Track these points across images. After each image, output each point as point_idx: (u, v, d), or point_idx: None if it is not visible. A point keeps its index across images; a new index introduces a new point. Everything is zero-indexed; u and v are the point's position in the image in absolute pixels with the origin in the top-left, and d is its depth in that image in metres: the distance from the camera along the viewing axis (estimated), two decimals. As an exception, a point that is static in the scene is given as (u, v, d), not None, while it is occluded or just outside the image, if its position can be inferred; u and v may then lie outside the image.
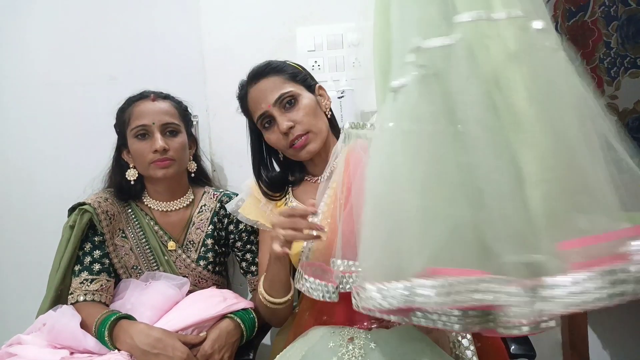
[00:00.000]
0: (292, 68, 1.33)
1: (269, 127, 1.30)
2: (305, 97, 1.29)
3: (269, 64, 1.32)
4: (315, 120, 1.28)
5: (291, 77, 1.30)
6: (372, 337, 1.00)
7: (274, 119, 1.27)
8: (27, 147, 1.91)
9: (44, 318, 1.27)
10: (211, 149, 1.82)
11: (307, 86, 1.32)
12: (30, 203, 1.91)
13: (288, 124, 1.24)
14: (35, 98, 1.89)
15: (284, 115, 1.26)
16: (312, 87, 1.34)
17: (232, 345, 1.28)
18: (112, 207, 1.44)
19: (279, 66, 1.31)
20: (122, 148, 1.49)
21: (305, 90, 1.31)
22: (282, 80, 1.28)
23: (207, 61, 1.81)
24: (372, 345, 0.98)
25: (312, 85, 1.34)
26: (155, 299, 1.32)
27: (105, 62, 1.87)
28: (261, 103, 1.27)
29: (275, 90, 1.27)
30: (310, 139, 1.27)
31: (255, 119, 1.31)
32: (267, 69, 1.30)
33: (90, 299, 1.34)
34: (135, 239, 1.46)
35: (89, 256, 1.39)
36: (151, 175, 1.44)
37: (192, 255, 1.49)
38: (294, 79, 1.30)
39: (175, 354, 1.17)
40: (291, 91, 1.27)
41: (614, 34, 1.56)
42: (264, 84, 1.28)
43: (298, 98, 1.28)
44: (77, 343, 1.21)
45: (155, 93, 1.48)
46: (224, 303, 1.31)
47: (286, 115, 1.26)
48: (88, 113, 1.85)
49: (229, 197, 1.56)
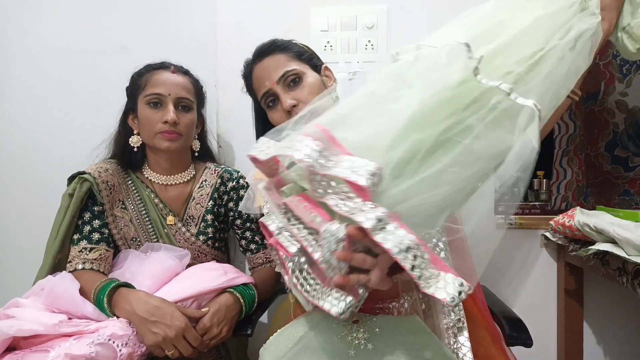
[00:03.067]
0: (298, 47, 1.31)
1: (273, 106, 1.28)
2: (310, 76, 1.27)
3: (274, 42, 1.30)
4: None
5: (296, 55, 1.28)
6: (377, 322, 0.99)
7: (278, 97, 1.25)
8: (33, 112, 1.89)
9: (43, 283, 1.26)
10: (218, 125, 1.81)
11: (313, 66, 1.31)
12: (33, 169, 1.89)
13: (291, 102, 1.22)
14: (43, 63, 1.88)
15: (288, 94, 1.24)
16: (318, 67, 1.32)
17: (231, 319, 1.28)
18: (112, 177, 1.43)
19: (284, 44, 1.30)
20: (130, 112, 1.48)
21: (310, 69, 1.29)
22: (287, 59, 1.27)
23: (220, 36, 1.80)
24: (377, 330, 0.97)
25: (318, 66, 1.33)
26: (155, 269, 1.32)
27: (117, 30, 1.85)
28: (265, 81, 1.26)
29: (279, 68, 1.25)
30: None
31: (260, 97, 1.29)
32: (272, 46, 1.29)
33: (88, 267, 1.33)
34: (135, 211, 1.45)
35: (88, 225, 1.38)
36: (155, 145, 1.42)
37: (192, 229, 1.48)
38: (299, 58, 1.28)
39: (174, 322, 1.16)
40: (296, 69, 1.25)
41: (630, 29, 1.54)
42: (269, 61, 1.27)
43: (303, 77, 1.26)
44: (75, 308, 1.20)
45: (175, 66, 1.48)
46: (224, 277, 1.30)
47: (290, 93, 1.24)
48: (96, 81, 1.84)
49: (229, 173, 1.56)
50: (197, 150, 1.56)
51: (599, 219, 1.33)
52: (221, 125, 1.82)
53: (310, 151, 0.69)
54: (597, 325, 1.77)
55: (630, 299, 1.72)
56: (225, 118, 1.82)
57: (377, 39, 1.72)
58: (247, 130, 1.77)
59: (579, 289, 1.71)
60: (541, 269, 1.78)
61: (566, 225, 1.46)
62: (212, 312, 1.24)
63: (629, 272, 1.17)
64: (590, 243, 1.36)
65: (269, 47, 1.29)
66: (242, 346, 1.56)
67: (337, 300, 0.76)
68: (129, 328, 1.16)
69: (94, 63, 1.85)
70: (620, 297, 1.73)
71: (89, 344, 1.08)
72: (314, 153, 0.69)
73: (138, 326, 1.16)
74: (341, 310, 0.75)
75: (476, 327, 1.10)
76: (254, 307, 1.34)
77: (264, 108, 1.31)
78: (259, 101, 1.31)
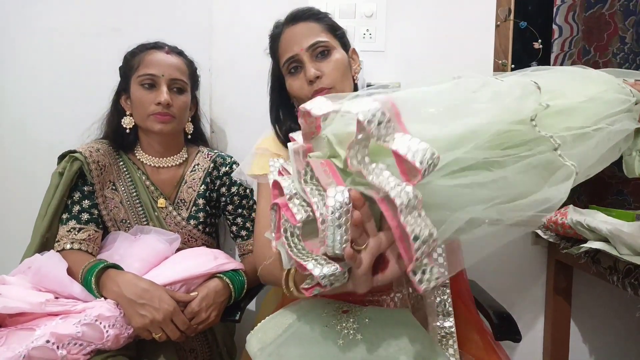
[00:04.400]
0: (332, 21, 1.29)
1: (295, 73, 1.24)
2: (339, 52, 1.24)
3: (311, 9, 1.27)
4: (341, 78, 1.23)
5: (330, 28, 1.26)
6: (367, 313, 0.98)
7: (302, 65, 1.22)
8: (23, 94, 1.85)
9: (30, 261, 1.25)
10: (211, 110, 1.79)
11: (343, 44, 1.28)
12: (22, 150, 1.86)
13: (316, 72, 1.19)
14: (34, 46, 1.84)
15: (314, 63, 1.21)
16: (347, 47, 1.30)
17: (220, 304, 1.27)
18: (103, 158, 1.41)
19: (320, 14, 1.27)
20: (122, 93, 1.46)
21: (340, 46, 1.26)
22: (320, 29, 1.24)
23: (215, 20, 1.78)
24: (366, 321, 0.97)
25: (348, 45, 1.30)
26: (145, 251, 1.30)
27: (109, 13, 1.81)
28: (294, 45, 1.22)
29: (311, 36, 1.22)
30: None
31: (283, 61, 1.25)
32: (308, 12, 1.26)
33: (77, 247, 1.32)
34: (126, 193, 1.43)
35: (78, 205, 1.36)
36: (148, 127, 1.41)
37: (183, 213, 1.47)
38: (332, 32, 1.26)
39: (162, 305, 1.15)
40: (327, 42, 1.22)
41: (630, 29, 1.53)
42: (302, 27, 1.24)
43: (332, 51, 1.23)
44: (62, 288, 1.19)
45: (169, 46, 1.46)
46: (214, 262, 1.29)
47: (316, 63, 1.21)
48: (88, 64, 1.80)
49: (222, 158, 1.55)
50: (190, 133, 1.54)
51: (592, 217, 1.33)
52: (214, 111, 1.80)
53: (377, 116, 0.66)
54: (584, 323, 1.78)
55: (618, 299, 1.73)
56: (219, 103, 1.80)
57: (375, 28, 1.70)
58: (241, 116, 1.78)
59: (567, 286, 1.72)
60: (531, 266, 1.79)
61: (558, 223, 1.46)
62: (200, 296, 1.23)
63: (619, 271, 1.17)
64: (581, 242, 1.36)
65: (305, 13, 1.26)
66: (230, 332, 1.56)
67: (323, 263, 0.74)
68: (116, 309, 1.15)
69: (85, 45, 1.81)
70: (609, 296, 1.74)
71: (75, 324, 1.07)
72: (378, 118, 0.66)
73: (126, 308, 1.15)
74: (323, 274, 0.72)
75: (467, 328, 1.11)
76: (243, 293, 1.33)
77: (284, 73, 1.27)
78: (281, 65, 1.27)
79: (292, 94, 1.27)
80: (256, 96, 1.61)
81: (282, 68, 1.27)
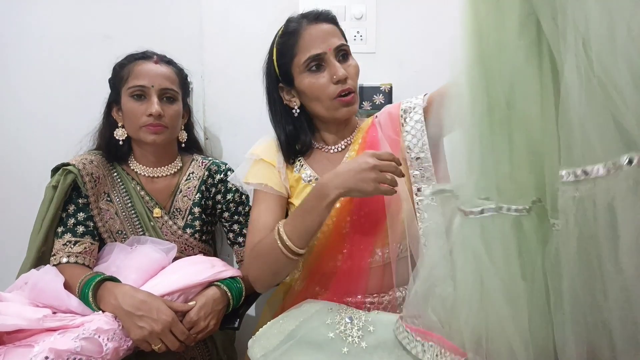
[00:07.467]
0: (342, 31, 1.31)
1: (316, 71, 1.22)
2: (353, 59, 1.28)
3: (330, 12, 1.29)
4: (356, 84, 1.26)
5: (343, 35, 1.29)
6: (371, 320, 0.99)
7: (326, 64, 1.21)
8: (14, 103, 1.84)
9: (26, 277, 1.24)
10: (205, 116, 1.79)
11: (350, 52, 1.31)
12: (15, 160, 1.85)
13: (344, 73, 1.20)
14: (25, 53, 1.83)
15: (340, 64, 1.22)
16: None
17: (218, 312, 1.26)
18: (97, 169, 1.40)
19: (337, 20, 1.29)
20: (113, 105, 1.45)
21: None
22: (340, 34, 1.27)
23: (206, 26, 1.77)
24: (370, 329, 0.97)
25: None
26: (141, 262, 1.30)
27: (100, 20, 1.80)
28: (321, 43, 1.21)
29: (337, 38, 1.24)
30: (355, 99, 1.24)
31: (304, 57, 1.21)
32: (331, 15, 1.28)
33: (73, 261, 1.31)
34: (121, 203, 1.43)
35: (73, 218, 1.36)
36: (141, 138, 1.40)
37: (179, 222, 1.46)
38: (345, 39, 1.29)
39: (160, 316, 1.14)
40: (348, 46, 1.26)
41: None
42: (328, 27, 1.24)
43: (350, 56, 1.27)
44: (59, 302, 1.18)
45: (158, 55, 1.45)
46: (211, 270, 1.29)
47: (341, 65, 1.23)
48: (80, 72, 1.79)
49: (217, 165, 1.54)
50: (184, 141, 1.54)
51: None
52: (208, 117, 1.79)
53: None
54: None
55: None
56: (212, 109, 1.79)
57: (366, 30, 1.70)
58: (235, 122, 1.77)
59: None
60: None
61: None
62: (199, 305, 1.23)
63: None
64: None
65: (328, 15, 1.27)
66: (230, 339, 1.56)
67: None
68: (114, 322, 1.14)
69: (76, 53, 1.80)
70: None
71: (74, 339, 1.06)
72: None
73: (124, 320, 1.14)
74: None
75: None
76: (242, 300, 1.33)
77: (298, 71, 1.24)
78: (298, 61, 1.23)
79: (308, 92, 1.24)
80: (250, 100, 1.60)
81: (297, 64, 1.23)
